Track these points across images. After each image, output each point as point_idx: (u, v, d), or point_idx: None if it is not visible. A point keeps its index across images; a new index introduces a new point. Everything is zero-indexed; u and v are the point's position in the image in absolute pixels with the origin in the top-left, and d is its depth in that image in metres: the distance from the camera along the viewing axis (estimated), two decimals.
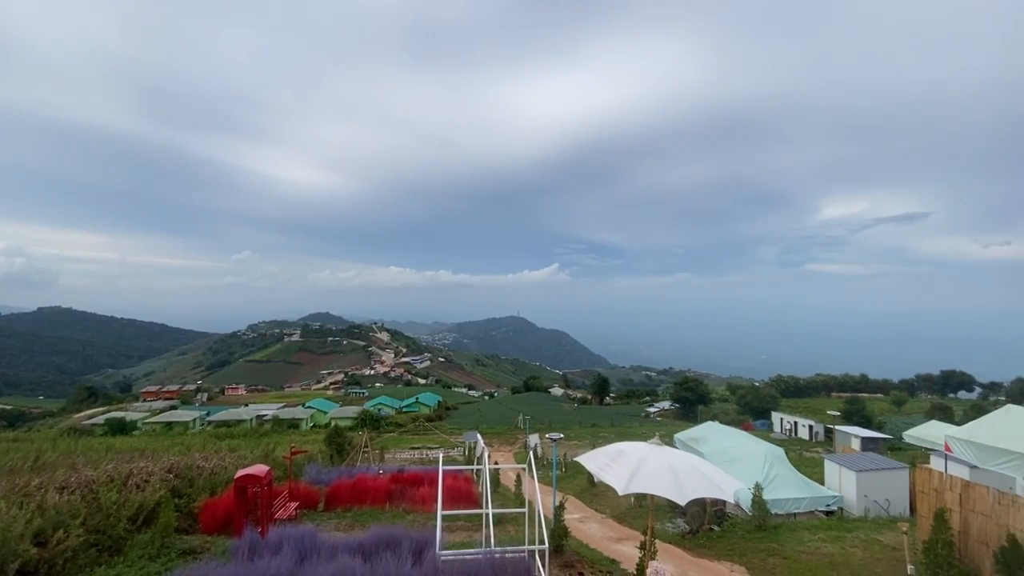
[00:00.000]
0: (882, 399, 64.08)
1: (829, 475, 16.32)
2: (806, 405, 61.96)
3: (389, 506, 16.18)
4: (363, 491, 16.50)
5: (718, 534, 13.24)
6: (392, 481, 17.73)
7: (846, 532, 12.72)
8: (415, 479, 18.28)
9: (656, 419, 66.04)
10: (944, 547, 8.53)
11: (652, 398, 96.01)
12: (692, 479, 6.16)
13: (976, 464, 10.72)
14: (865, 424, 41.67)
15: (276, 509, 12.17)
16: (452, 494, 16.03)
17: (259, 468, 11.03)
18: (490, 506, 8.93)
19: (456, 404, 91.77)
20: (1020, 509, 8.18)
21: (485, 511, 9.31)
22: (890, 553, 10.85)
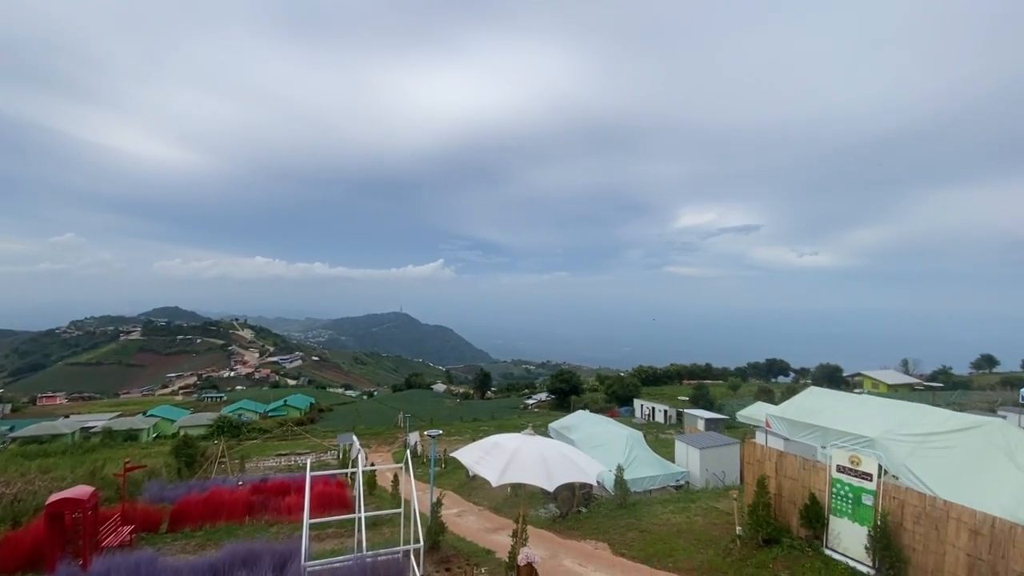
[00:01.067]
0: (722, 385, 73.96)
1: (679, 453, 18.39)
2: (662, 392, 69.14)
3: (250, 520, 14.83)
4: (218, 506, 14.92)
5: (585, 515, 14.22)
6: (253, 492, 16.25)
7: (691, 503, 14.44)
8: (281, 488, 16.95)
9: (534, 410, 68.91)
10: (763, 508, 10.08)
11: (531, 390, 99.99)
12: (560, 466, 6.52)
13: (788, 436, 12.84)
14: (708, 407, 47.68)
15: (105, 536, 10.47)
16: (323, 500, 15.15)
17: (80, 490, 9.39)
18: (362, 509, 8.60)
19: (331, 405, 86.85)
20: (818, 472, 9.96)
21: (358, 515, 8.95)
22: (725, 518, 12.53)
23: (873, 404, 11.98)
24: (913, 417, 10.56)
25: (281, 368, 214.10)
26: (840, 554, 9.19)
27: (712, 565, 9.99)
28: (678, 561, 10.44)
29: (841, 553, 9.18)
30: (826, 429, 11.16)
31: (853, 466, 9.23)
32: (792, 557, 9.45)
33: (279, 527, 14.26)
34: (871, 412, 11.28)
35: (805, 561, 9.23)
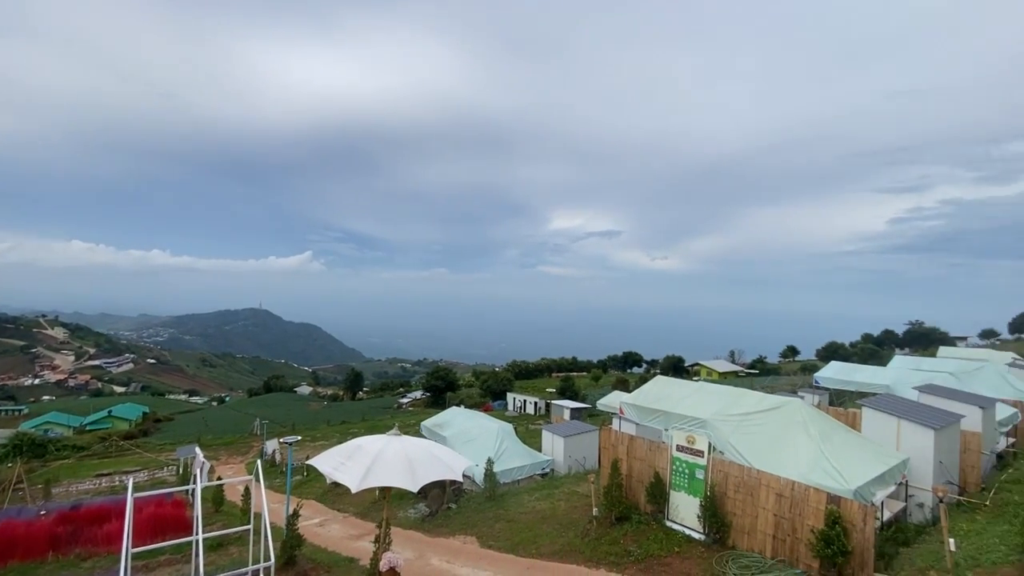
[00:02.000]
0: (586, 376, 79.57)
1: (545, 442, 19.27)
2: (533, 385, 72.25)
3: (55, 556, 12.39)
4: (9, 543, 12.24)
5: (455, 511, 14.23)
6: (59, 522, 13.58)
7: (555, 489, 15.21)
8: (98, 514, 14.38)
9: (409, 409, 67.50)
10: (616, 489, 10.97)
11: (406, 389, 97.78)
12: (426, 464, 6.38)
13: (639, 422, 14.14)
14: (573, 397, 50.91)
15: None
16: (156, 524, 13.19)
17: None
18: (200, 530, 7.59)
19: (171, 415, 76.11)
20: (662, 452, 11.10)
21: (196, 537, 7.89)
22: (584, 500, 13.39)
23: (706, 390, 13.71)
24: (735, 400, 12.28)
25: (106, 373, 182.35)
26: (678, 524, 10.35)
27: (572, 546, 10.61)
28: (541, 547, 10.91)
29: (679, 523, 10.35)
30: (668, 413, 12.51)
31: (689, 445, 10.45)
32: (640, 531, 10.41)
33: (95, 560, 12.13)
34: (704, 397, 12.90)
35: (650, 534, 10.23)
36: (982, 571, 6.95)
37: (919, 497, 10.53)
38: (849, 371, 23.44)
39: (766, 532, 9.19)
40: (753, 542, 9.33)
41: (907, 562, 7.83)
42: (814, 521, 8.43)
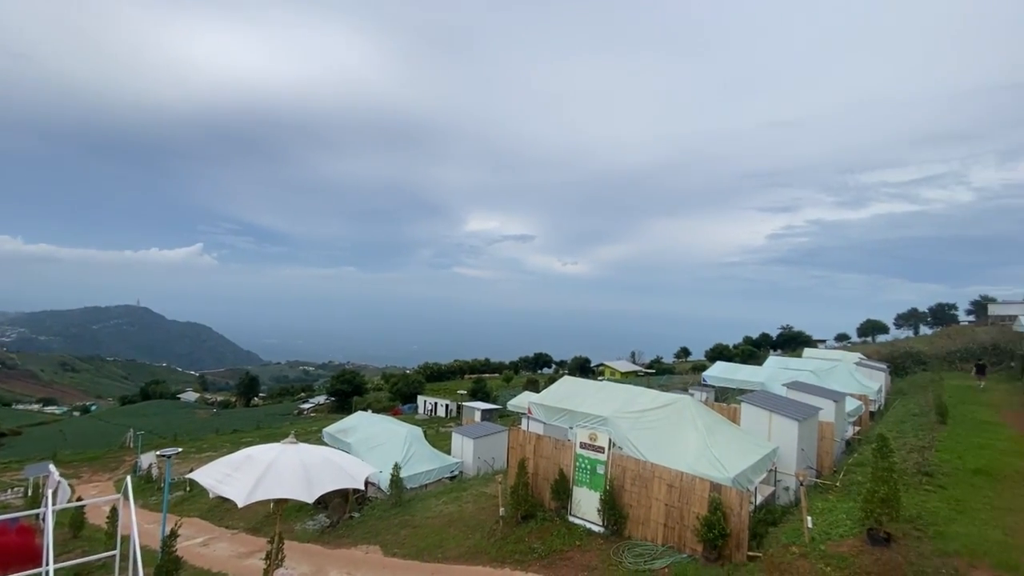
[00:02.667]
0: (498, 377, 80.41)
1: (455, 445, 19.17)
2: (445, 387, 71.69)
3: None
4: None
5: (358, 520, 13.68)
6: None
7: (463, 491, 15.16)
8: None
9: (311, 415, 63.86)
10: (523, 488, 11.18)
11: (307, 394, 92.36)
12: (325, 473, 6.07)
13: (546, 421, 14.54)
14: (485, 399, 51.22)
15: None
16: None
17: None
18: (52, 561, 6.61)
19: (19, 428, 65.51)
20: (566, 450, 11.50)
21: (45, 568, 6.87)
22: (492, 501, 13.47)
23: (608, 389, 14.44)
24: (633, 398, 13.06)
25: None
26: (580, 519, 10.77)
27: (478, 548, 10.63)
28: (447, 551, 10.82)
29: (581, 518, 10.77)
30: (573, 412, 13.00)
31: (592, 442, 10.92)
32: (544, 528, 10.69)
33: None
34: (606, 396, 13.57)
35: (554, 530, 10.54)
36: (832, 543, 7.98)
37: (785, 481, 11.87)
38: (731, 370, 25.93)
39: (658, 521, 9.85)
40: (647, 531, 9.96)
41: (775, 540, 8.78)
42: (699, 508, 9.18)
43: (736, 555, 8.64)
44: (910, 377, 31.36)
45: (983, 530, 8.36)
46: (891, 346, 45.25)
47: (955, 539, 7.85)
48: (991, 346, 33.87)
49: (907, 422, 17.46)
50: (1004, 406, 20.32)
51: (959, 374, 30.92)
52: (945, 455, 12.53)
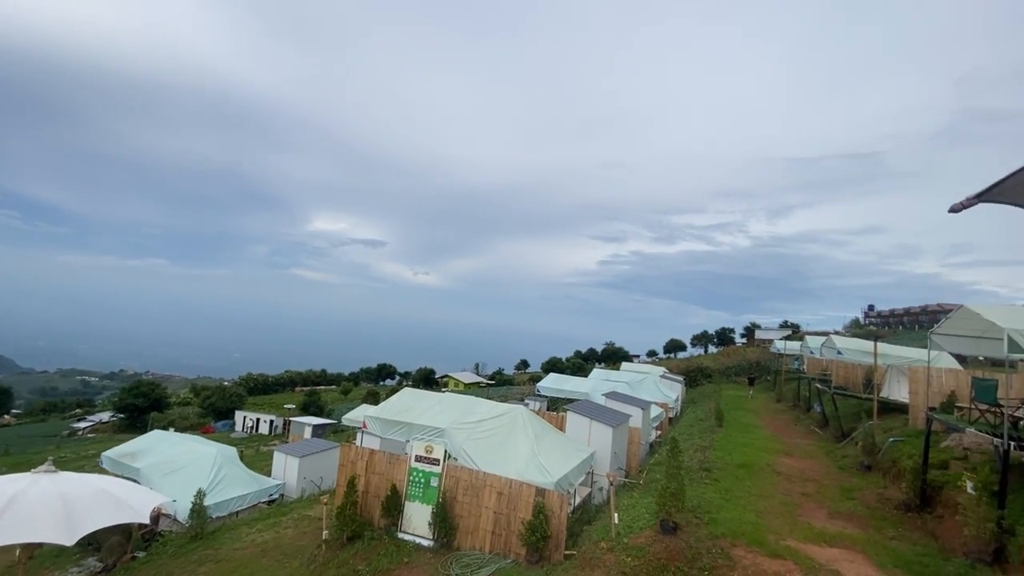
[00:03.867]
0: (335, 390, 75.43)
1: (277, 465, 17.39)
2: (271, 401, 64.85)
3: None
4: None
5: (144, 560, 11.51)
6: None
7: (282, 516, 13.76)
8: None
9: (88, 436, 52.35)
10: (351, 507, 10.56)
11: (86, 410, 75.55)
12: (93, 507, 4.98)
13: (382, 435, 14.03)
14: (318, 413, 47.55)
15: None
16: None
17: None
18: None
19: None
20: (400, 464, 11.20)
21: None
22: (316, 525, 12.46)
23: (448, 400, 14.53)
24: (471, 408, 13.35)
25: None
26: (410, 534, 10.54)
27: None
28: None
29: (411, 533, 10.54)
30: (411, 424, 12.78)
31: (427, 454, 10.83)
32: (371, 548, 10.21)
33: None
34: (446, 407, 13.63)
35: (381, 548, 10.13)
36: (633, 536, 9.03)
37: (600, 482, 13.16)
38: (562, 381, 28.14)
39: (487, 529, 10.11)
40: (476, 540, 10.14)
41: (587, 537, 9.64)
42: (524, 513, 9.66)
43: (555, 555, 9.26)
44: (699, 388, 37.46)
45: (743, 514, 10.23)
46: (687, 362, 53.59)
47: (723, 523, 9.48)
48: (756, 363, 42.20)
49: (695, 426, 20.75)
50: (763, 411, 25.40)
51: (735, 385, 37.91)
52: (720, 453, 15.14)
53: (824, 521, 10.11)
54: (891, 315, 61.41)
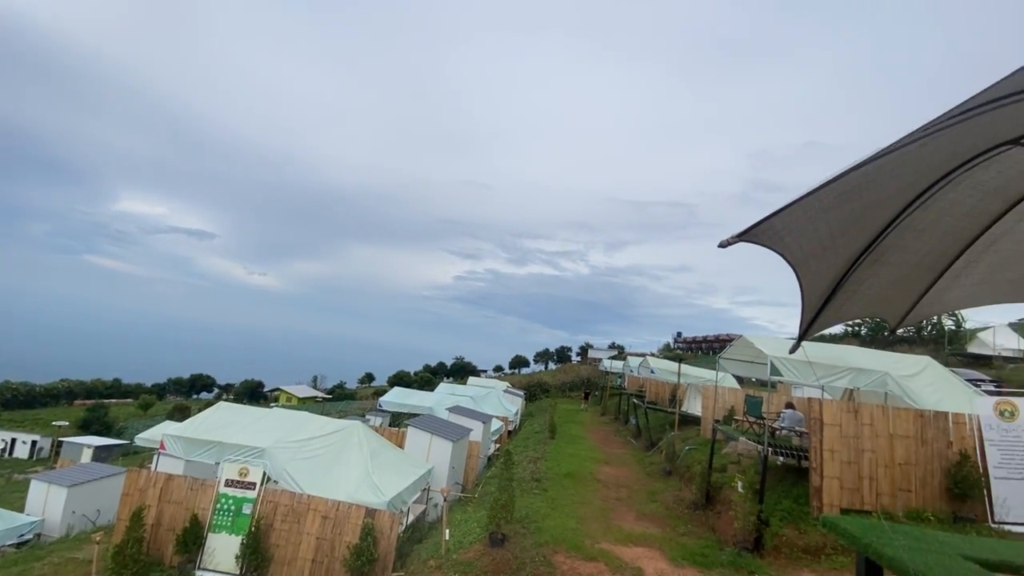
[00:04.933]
0: (131, 404, 63.25)
1: (34, 497, 13.91)
2: (37, 417, 51.99)
3: None
4: None
5: None
6: None
7: (36, 560, 11.00)
8: None
9: None
10: (134, 545, 8.82)
11: None
12: None
13: (186, 457, 12.05)
14: (105, 432, 39.46)
15: None
16: None
17: None
18: None
19: None
20: (206, 490, 9.73)
21: None
22: (84, 570, 10.17)
23: (274, 416, 13.13)
24: (301, 425, 12.23)
25: None
26: (212, 571, 9.15)
27: None
28: None
29: (213, 570, 9.16)
30: (224, 444, 11.21)
31: (241, 478, 9.58)
32: None
33: None
34: (270, 424, 12.28)
35: None
36: (463, 551, 9.04)
37: (436, 498, 13.00)
38: (405, 395, 27.45)
39: (306, 558, 9.26)
40: (292, 571, 9.21)
41: (416, 556, 9.39)
42: (351, 536, 9.07)
43: None
44: (538, 402, 39.68)
45: (565, 521, 10.94)
46: (529, 377, 56.56)
47: (547, 531, 10.00)
48: (587, 379, 46.18)
49: (531, 438, 21.83)
50: (590, 424, 27.76)
51: (569, 400, 40.92)
52: (550, 463, 16.09)
53: (632, 523, 11.30)
54: (693, 341, 72.41)
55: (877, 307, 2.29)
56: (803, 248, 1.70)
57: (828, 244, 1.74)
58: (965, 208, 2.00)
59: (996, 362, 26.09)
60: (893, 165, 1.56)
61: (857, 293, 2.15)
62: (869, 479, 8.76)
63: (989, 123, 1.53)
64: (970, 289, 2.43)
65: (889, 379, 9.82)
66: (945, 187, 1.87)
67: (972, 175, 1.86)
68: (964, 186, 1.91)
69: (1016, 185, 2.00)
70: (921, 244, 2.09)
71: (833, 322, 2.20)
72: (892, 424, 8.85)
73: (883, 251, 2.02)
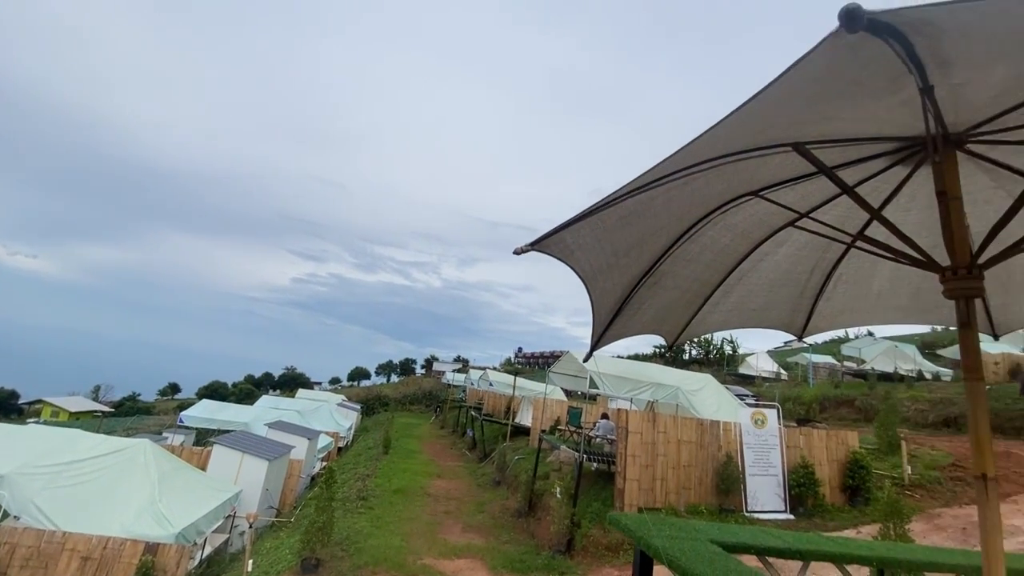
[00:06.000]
0: None
1: None
2: None
3: None
4: None
5: None
6: None
7: None
8: None
9: None
10: None
11: None
12: None
13: None
14: None
15: None
16: None
17: None
18: None
19: None
20: None
21: None
22: None
23: (24, 434, 10.39)
24: (64, 446, 9.86)
25: None
26: None
27: None
28: None
29: None
30: None
31: None
32: None
33: None
34: (16, 444, 9.66)
35: None
36: None
37: (242, 525, 11.51)
38: (215, 409, 24.01)
39: None
40: None
41: None
42: None
43: None
44: (376, 416, 38.07)
45: (390, 539, 10.53)
46: (368, 390, 54.09)
47: (369, 551, 9.51)
48: (430, 392, 45.79)
49: (363, 454, 20.76)
50: (428, 438, 27.44)
51: (409, 413, 40.02)
52: (380, 480, 15.45)
53: (458, 535, 11.34)
54: (532, 357, 76.87)
55: (656, 325, 2.64)
56: (591, 264, 1.87)
57: (613, 262, 1.95)
58: (721, 245, 2.42)
59: (758, 381, 32.44)
60: (664, 198, 1.81)
61: (640, 311, 2.44)
62: (661, 480, 10.08)
63: (734, 173, 1.87)
64: (726, 315, 2.94)
65: (680, 393, 11.52)
66: (706, 225, 2.24)
67: (726, 217, 2.26)
68: (720, 226, 2.30)
69: (757, 230, 2.48)
70: (689, 272, 2.46)
71: (620, 336, 2.46)
72: (680, 431, 10.36)
73: (660, 276, 2.33)
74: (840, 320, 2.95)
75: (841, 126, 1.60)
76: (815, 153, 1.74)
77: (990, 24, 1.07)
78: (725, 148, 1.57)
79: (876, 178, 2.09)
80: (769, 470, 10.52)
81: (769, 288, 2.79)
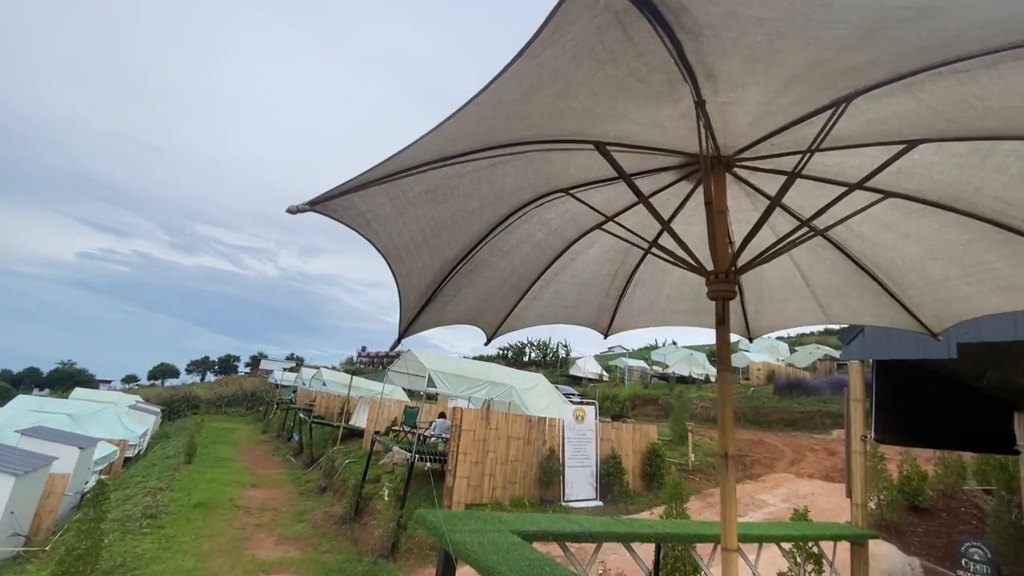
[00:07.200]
0: None
1: None
2: None
3: None
4: None
5: None
6: None
7: None
8: None
9: None
10: None
11: None
12: None
13: None
14: None
15: None
16: None
17: None
18: None
19: None
20: None
21: None
22: None
23: None
24: None
25: None
26: None
27: None
28: None
29: None
30: None
31: None
32: None
33: None
34: None
35: None
36: None
37: None
38: None
39: None
40: None
41: None
42: None
43: None
44: (181, 420, 32.91)
45: (181, 561, 9.06)
46: (174, 390, 46.63)
47: None
48: (253, 393, 41.10)
49: (158, 464, 17.71)
50: (245, 443, 24.50)
51: (225, 417, 35.32)
52: (178, 493, 13.30)
53: (270, 549, 10.25)
54: (376, 356, 74.08)
55: (473, 316, 2.61)
56: (394, 240, 1.74)
57: (421, 242, 1.84)
58: (537, 240, 2.48)
59: (584, 381, 35.65)
60: (473, 178, 1.77)
61: (456, 299, 2.38)
62: (489, 476, 10.36)
63: (544, 163, 1.91)
64: (543, 310, 3.05)
65: (514, 391, 12.02)
66: (522, 217, 2.27)
67: (540, 212, 2.32)
68: (535, 220, 2.35)
69: (569, 229, 2.61)
70: (507, 264, 2.47)
71: (435, 324, 2.38)
72: (510, 428, 10.78)
73: (476, 264, 2.30)
74: (637, 321, 3.27)
75: (635, 129, 1.72)
76: (615, 156, 1.86)
77: (747, 36, 1.17)
78: (525, 129, 1.57)
79: (667, 190, 2.34)
80: (585, 462, 11.51)
81: (580, 287, 2.96)
